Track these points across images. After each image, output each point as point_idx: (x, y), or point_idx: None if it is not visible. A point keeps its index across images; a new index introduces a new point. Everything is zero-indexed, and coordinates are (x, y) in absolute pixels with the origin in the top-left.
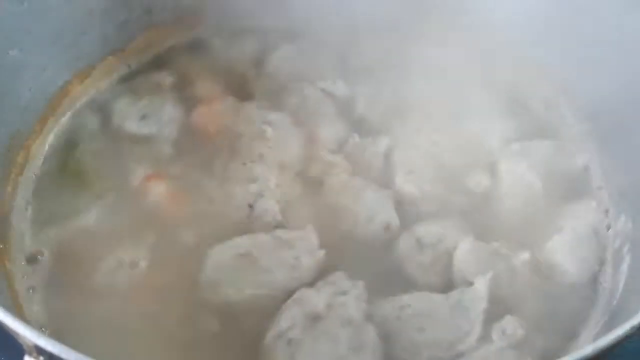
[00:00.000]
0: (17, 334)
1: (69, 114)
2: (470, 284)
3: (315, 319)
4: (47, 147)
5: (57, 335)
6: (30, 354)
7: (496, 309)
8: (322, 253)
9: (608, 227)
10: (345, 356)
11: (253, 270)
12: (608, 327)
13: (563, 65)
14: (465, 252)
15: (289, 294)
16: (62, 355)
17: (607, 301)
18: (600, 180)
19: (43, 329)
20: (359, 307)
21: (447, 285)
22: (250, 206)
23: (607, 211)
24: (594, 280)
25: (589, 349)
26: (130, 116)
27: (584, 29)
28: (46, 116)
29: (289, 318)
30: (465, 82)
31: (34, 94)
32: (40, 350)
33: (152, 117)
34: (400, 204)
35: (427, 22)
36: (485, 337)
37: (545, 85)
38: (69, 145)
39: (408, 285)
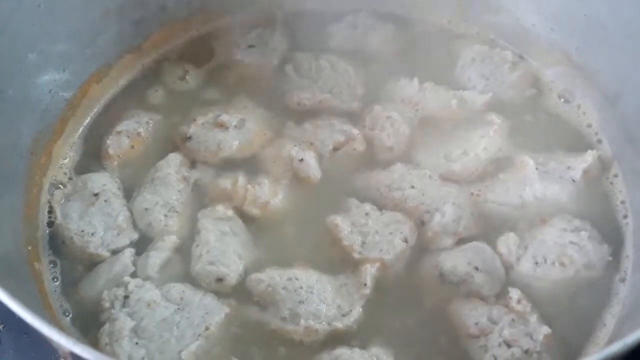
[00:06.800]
0: (53, 340)
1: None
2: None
3: None
4: (68, 148)
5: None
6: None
7: None
8: None
9: (625, 216)
10: None
11: None
12: (628, 319)
13: (583, 49)
14: None
15: None
16: None
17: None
18: (618, 167)
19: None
20: None
21: None
22: None
23: (623, 202)
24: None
25: (617, 346)
26: None
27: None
28: (67, 117)
29: None
30: None
31: (54, 96)
32: (75, 357)
33: None
34: None
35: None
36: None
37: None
38: None
39: None
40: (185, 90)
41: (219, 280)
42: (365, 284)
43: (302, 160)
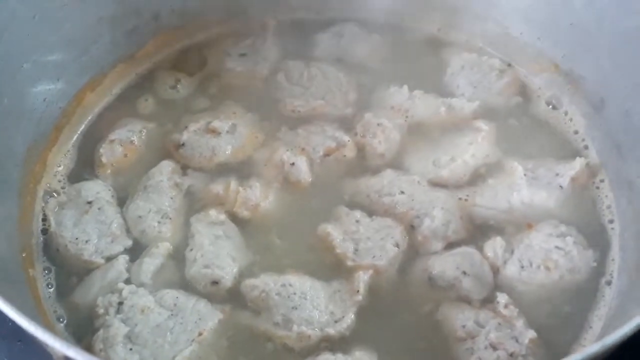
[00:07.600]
0: (47, 344)
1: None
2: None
3: None
4: (62, 156)
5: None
6: None
7: None
8: None
9: (611, 221)
10: None
11: None
12: (614, 320)
13: (569, 57)
14: None
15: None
16: None
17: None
18: (604, 173)
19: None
20: None
21: None
22: None
23: (609, 206)
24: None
25: (597, 346)
26: None
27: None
28: (61, 126)
29: None
30: None
31: (48, 105)
32: None
33: None
34: None
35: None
36: None
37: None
38: None
39: None
40: (175, 99)
41: (215, 283)
42: (358, 291)
43: (293, 164)
